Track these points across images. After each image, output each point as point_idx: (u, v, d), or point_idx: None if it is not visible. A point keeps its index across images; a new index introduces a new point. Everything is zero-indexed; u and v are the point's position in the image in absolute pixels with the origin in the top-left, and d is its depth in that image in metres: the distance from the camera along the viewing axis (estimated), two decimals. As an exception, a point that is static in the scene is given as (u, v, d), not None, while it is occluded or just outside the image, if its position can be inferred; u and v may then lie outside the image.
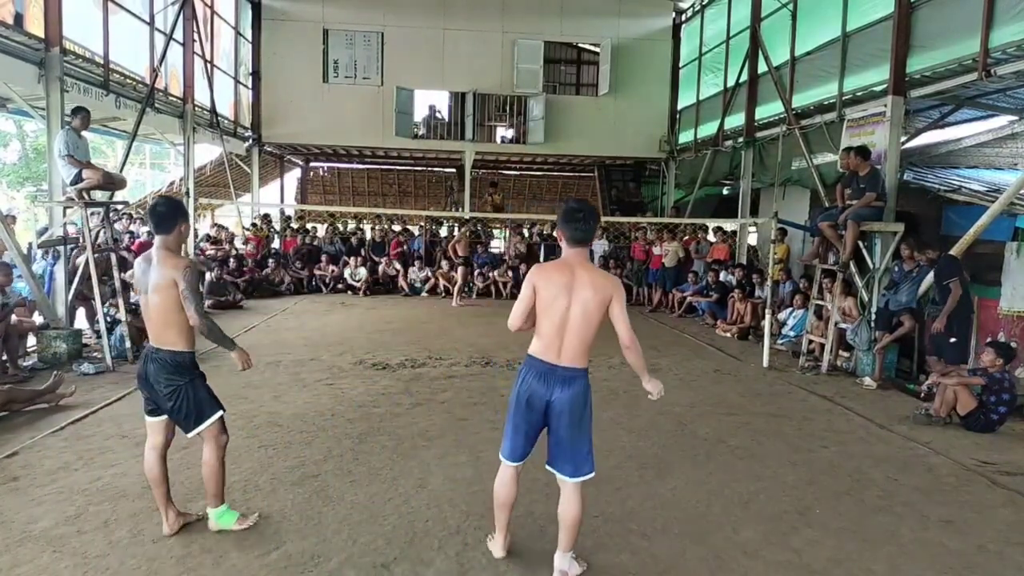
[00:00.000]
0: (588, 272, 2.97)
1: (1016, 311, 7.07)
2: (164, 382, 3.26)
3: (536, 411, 2.99)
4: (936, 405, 5.82)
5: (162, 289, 3.22)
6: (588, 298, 2.91)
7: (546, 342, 2.97)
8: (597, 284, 2.94)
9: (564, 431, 2.97)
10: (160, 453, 3.44)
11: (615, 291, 2.96)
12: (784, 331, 9.11)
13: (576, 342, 2.94)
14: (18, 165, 27.59)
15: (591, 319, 2.93)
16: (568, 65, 19.52)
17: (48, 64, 7.10)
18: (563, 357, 2.96)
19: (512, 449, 3.08)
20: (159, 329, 3.28)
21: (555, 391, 2.95)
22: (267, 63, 14.90)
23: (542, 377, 2.97)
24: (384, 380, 6.65)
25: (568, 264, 2.99)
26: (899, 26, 7.67)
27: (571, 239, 3.00)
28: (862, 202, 7.25)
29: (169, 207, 3.35)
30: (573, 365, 2.97)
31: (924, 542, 3.62)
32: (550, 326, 2.95)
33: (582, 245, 3.01)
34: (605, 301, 2.93)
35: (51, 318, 7.21)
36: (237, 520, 3.47)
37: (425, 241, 15.20)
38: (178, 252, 3.36)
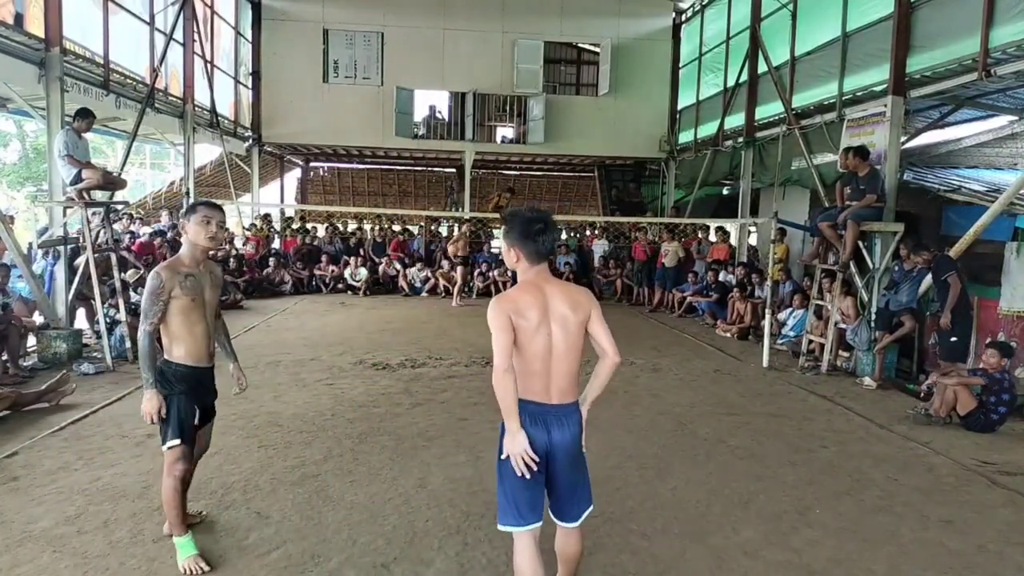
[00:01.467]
0: (559, 288, 2.59)
1: (1016, 311, 7.07)
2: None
3: (537, 459, 2.50)
4: (936, 405, 5.82)
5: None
6: (568, 318, 2.53)
7: (532, 380, 2.52)
8: (573, 299, 2.56)
9: (565, 476, 2.59)
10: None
11: (592, 305, 2.61)
12: (784, 331, 9.11)
13: (564, 371, 2.54)
14: (18, 165, 27.60)
15: (575, 342, 2.54)
16: (568, 65, 19.53)
17: (48, 64, 7.10)
18: (554, 394, 2.53)
19: (528, 512, 2.55)
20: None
21: (553, 434, 2.53)
22: (267, 63, 14.90)
23: (537, 421, 2.51)
24: (384, 380, 6.65)
25: (536, 285, 2.56)
26: (899, 26, 7.67)
27: (534, 255, 2.57)
28: (861, 203, 7.25)
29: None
30: (565, 401, 2.56)
31: (924, 542, 3.62)
32: (533, 361, 2.51)
33: (545, 260, 2.63)
34: (585, 319, 2.57)
35: (51, 318, 7.21)
36: (189, 559, 3.08)
37: (425, 241, 15.21)
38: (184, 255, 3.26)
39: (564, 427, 2.54)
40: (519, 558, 2.59)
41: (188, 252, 3.24)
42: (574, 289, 2.68)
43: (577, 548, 2.70)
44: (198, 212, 3.20)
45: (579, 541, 2.70)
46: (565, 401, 2.56)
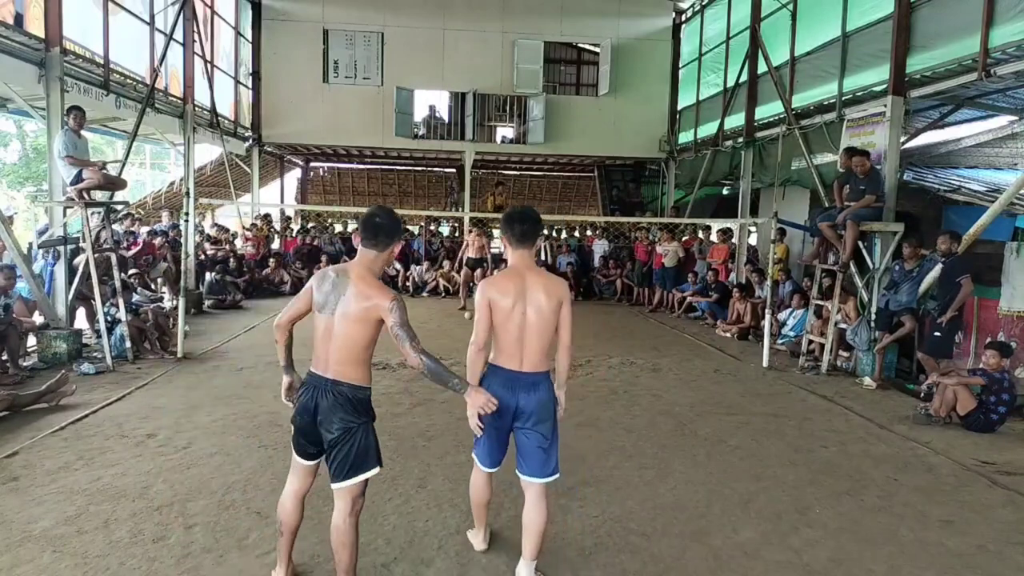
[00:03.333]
0: (538, 276, 3.03)
1: (1016, 311, 7.07)
2: (338, 420, 2.73)
3: (503, 417, 3.02)
4: (936, 405, 5.82)
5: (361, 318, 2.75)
6: (542, 302, 2.97)
7: (507, 352, 3.01)
8: (549, 288, 3.00)
9: (530, 433, 3.03)
10: (302, 498, 2.97)
11: (565, 295, 3.05)
12: (784, 331, 9.11)
13: (536, 347, 2.99)
14: (18, 165, 27.59)
15: (547, 324, 2.98)
16: (568, 65, 19.53)
17: (48, 64, 7.09)
18: (525, 364, 3.00)
19: (488, 455, 3.16)
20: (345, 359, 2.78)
21: (520, 398, 3.00)
22: (267, 63, 14.89)
23: (507, 385, 3.01)
24: (384, 380, 6.65)
25: (517, 271, 3.04)
26: (899, 26, 7.67)
27: (514, 239, 3.06)
28: (861, 203, 7.25)
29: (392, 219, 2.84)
30: (536, 371, 3.02)
31: (924, 542, 3.62)
32: (509, 335, 2.98)
33: (525, 247, 3.06)
34: (558, 305, 2.99)
35: (51, 318, 7.21)
36: None
37: (425, 241, 15.21)
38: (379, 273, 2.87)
39: (532, 392, 3.01)
40: (473, 483, 3.28)
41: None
42: (551, 278, 3.09)
43: (540, 517, 2.99)
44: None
45: (543, 509, 3.01)
46: (535, 371, 3.02)
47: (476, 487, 3.26)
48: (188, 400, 5.75)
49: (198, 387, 6.18)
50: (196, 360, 7.28)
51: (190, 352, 7.47)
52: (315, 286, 2.80)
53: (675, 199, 15.38)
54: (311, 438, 2.81)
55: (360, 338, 2.73)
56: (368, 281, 2.73)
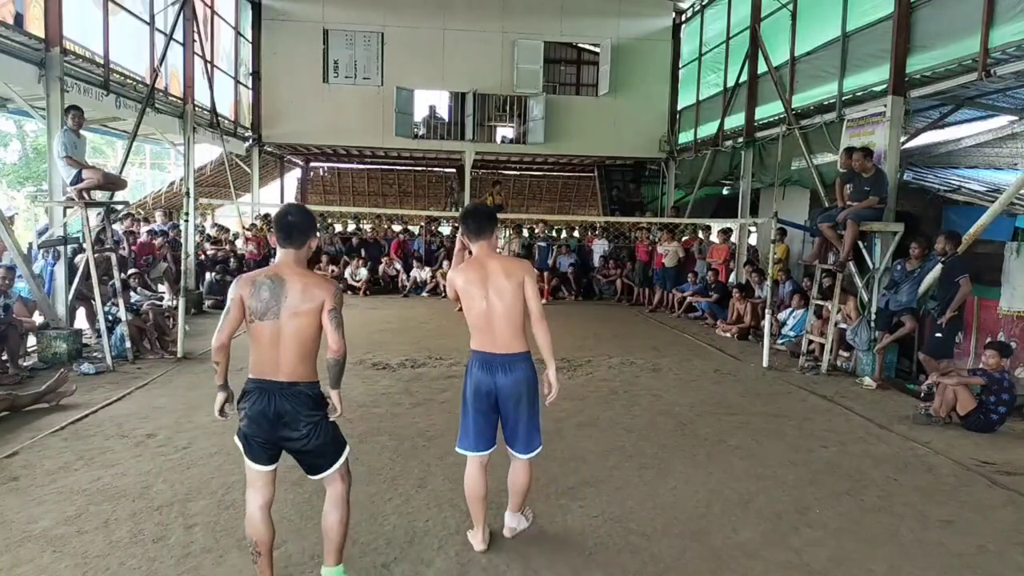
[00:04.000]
0: (497, 261, 3.22)
1: (1016, 311, 7.07)
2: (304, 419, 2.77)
3: (485, 399, 3.19)
4: (936, 405, 5.82)
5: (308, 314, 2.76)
6: (503, 285, 3.14)
7: (481, 335, 3.20)
8: (508, 270, 3.18)
9: (511, 413, 3.20)
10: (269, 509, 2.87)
11: (526, 272, 3.22)
12: (784, 331, 9.11)
13: (505, 328, 3.15)
14: (18, 165, 27.59)
15: (512, 306, 3.15)
16: (568, 65, 19.52)
17: (48, 64, 7.09)
18: (498, 346, 3.17)
19: (473, 441, 3.27)
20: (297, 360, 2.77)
21: (498, 378, 3.16)
22: (267, 63, 14.89)
23: (484, 367, 3.18)
24: (384, 380, 6.65)
25: (479, 260, 3.24)
26: (899, 26, 7.67)
27: (471, 234, 3.28)
28: (863, 204, 7.24)
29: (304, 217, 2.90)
30: (510, 351, 3.16)
31: (924, 542, 3.62)
32: (478, 320, 3.19)
33: (481, 238, 3.25)
34: (520, 284, 3.16)
35: (51, 318, 7.21)
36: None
37: (425, 241, 15.21)
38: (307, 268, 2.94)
39: (508, 372, 3.16)
40: (467, 476, 3.34)
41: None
42: (510, 261, 3.33)
43: (523, 480, 3.32)
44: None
45: (526, 475, 3.32)
46: (509, 351, 3.17)
47: (470, 479, 3.32)
48: (188, 400, 5.75)
49: (198, 387, 6.18)
50: (196, 360, 7.28)
51: (190, 352, 7.47)
52: (247, 296, 2.76)
53: (675, 199, 15.38)
54: (270, 442, 2.79)
55: (311, 332, 2.76)
56: (307, 277, 2.81)
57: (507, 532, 3.43)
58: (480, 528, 3.36)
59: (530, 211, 20.56)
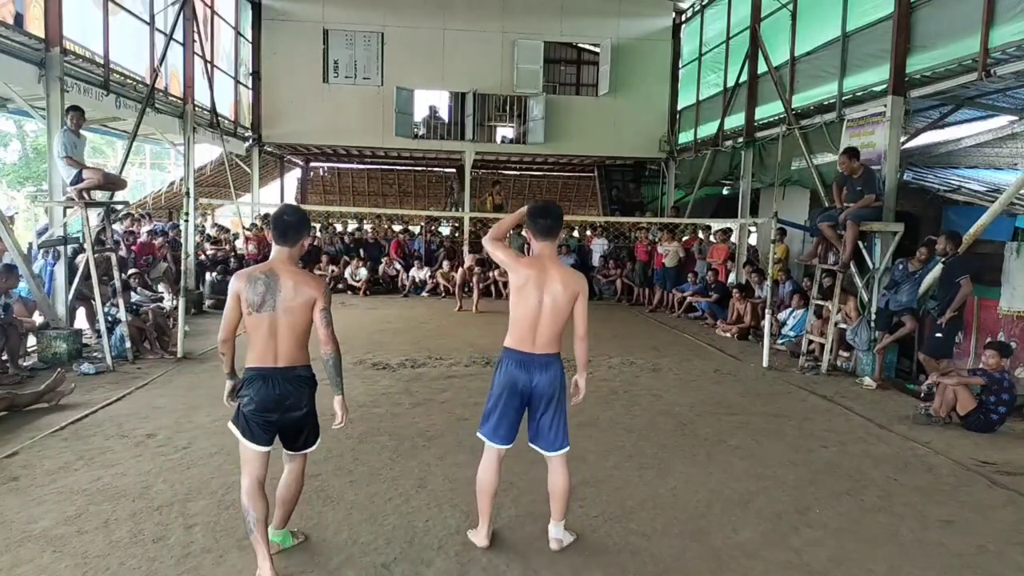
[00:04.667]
0: (558, 269, 3.22)
1: (1016, 311, 7.07)
2: (305, 401, 3.07)
3: (519, 397, 3.24)
4: (936, 405, 5.82)
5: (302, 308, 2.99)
6: (558, 293, 3.16)
7: (520, 335, 3.22)
8: (567, 281, 3.20)
9: (544, 411, 3.25)
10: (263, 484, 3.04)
11: (582, 288, 3.24)
12: (784, 331, 9.11)
13: (548, 332, 3.21)
14: (18, 165, 27.60)
15: (560, 313, 3.19)
16: (568, 65, 19.52)
17: (48, 64, 7.09)
18: (537, 346, 3.21)
19: (497, 432, 3.27)
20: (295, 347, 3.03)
21: (535, 376, 3.20)
22: (267, 63, 14.89)
23: (521, 365, 3.21)
24: (384, 380, 6.65)
25: (540, 260, 3.24)
26: (899, 26, 7.67)
27: (538, 233, 3.27)
28: (861, 204, 7.25)
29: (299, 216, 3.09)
30: (547, 352, 3.23)
31: (924, 542, 3.62)
32: (523, 320, 3.20)
33: (549, 239, 3.27)
34: (573, 297, 3.20)
35: (51, 318, 7.21)
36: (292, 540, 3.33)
37: (425, 241, 15.21)
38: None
39: (544, 372, 3.22)
40: (482, 468, 3.32)
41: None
42: (570, 272, 3.30)
43: (562, 482, 3.30)
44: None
45: (564, 475, 3.30)
46: (547, 352, 3.23)
47: (485, 471, 3.31)
48: (188, 400, 5.75)
49: (198, 387, 6.18)
50: (196, 360, 7.28)
51: (190, 352, 7.47)
52: (243, 290, 2.96)
53: (675, 199, 15.38)
54: (273, 424, 3.02)
55: (304, 325, 3.02)
56: (298, 275, 3.01)
57: (554, 545, 3.36)
58: (485, 523, 3.35)
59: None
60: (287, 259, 3.03)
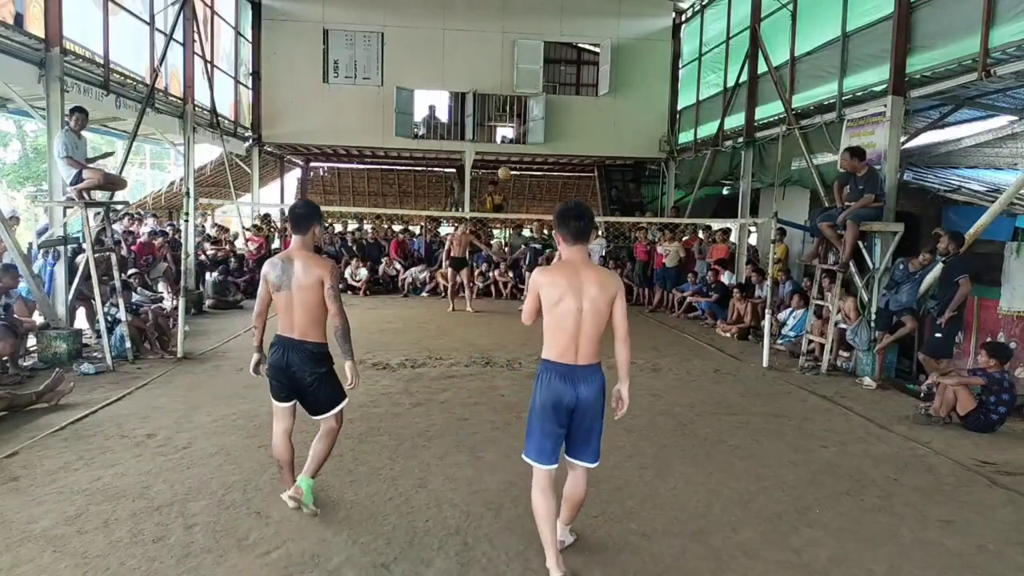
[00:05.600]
0: (593, 271, 3.08)
1: (1016, 311, 7.07)
2: (309, 371, 3.55)
3: (563, 412, 3.08)
4: (936, 405, 5.82)
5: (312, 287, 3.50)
6: (596, 297, 3.02)
7: (562, 346, 3.05)
8: (603, 282, 3.05)
9: (587, 424, 3.13)
10: (289, 435, 3.71)
11: (619, 288, 3.11)
12: (784, 331, 9.11)
13: (590, 341, 3.06)
14: (18, 165, 27.60)
15: (601, 317, 3.05)
16: (568, 65, 19.51)
17: (48, 64, 7.09)
18: (580, 357, 3.06)
19: (543, 452, 3.11)
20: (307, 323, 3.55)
21: (580, 389, 3.06)
22: (267, 63, 14.89)
23: (566, 378, 3.05)
24: (384, 380, 6.65)
25: (572, 264, 3.08)
26: (899, 26, 7.67)
27: (569, 236, 3.10)
28: (861, 203, 7.25)
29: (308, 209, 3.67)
30: (591, 362, 3.09)
31: (924, 542, 3.62)
32: (563, 330, 3.03)
33: (580, 242, 3.10)
34: (612, 298, 3.06)
35: (51, 318, 7.21)
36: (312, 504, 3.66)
37: (425, 241, 15.19)
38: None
39: (589, 384, 3.09)
40: (536, 493, 3.14)
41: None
42: (605, 273, 3.18)
43: (581, 492, 3.25)
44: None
45: (584, 486, 3.25)
46: (590, 362, 3.09)
47: (539, 494, 3.10)
48: (188, 400, 5.75)
49: (198, 387, 6.18)
50: (196, 360, 7.28)
51: (190, 352, 7.47)
52: (268, 274, 3.57)
53: (675, 199, 15.38)
54: (284, 385, 3.59)
55: (315, 301, 3.51)
56: (309, 258, 3.54)
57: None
58: (552, 554, 3.05)
59: (530, 211, 20.56)
60: (301, 246, 3.57)
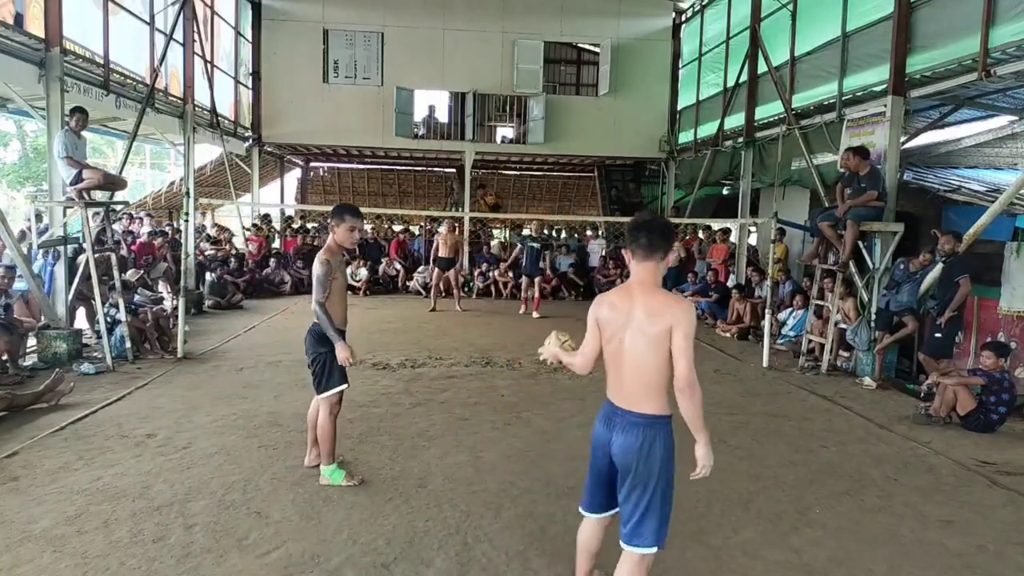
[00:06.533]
0: (647, 296, 2.53)
1: (1016, 311, 7.07)
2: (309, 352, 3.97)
3: (601, 458, 2.66)
4: (936, 405, 5.82)
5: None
6: (644, 325, 2.49)
7: (609, 381, 2.65)
8: (657, 310, 2.48)
9: (629, 485, 2.57)
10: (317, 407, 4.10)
11: (676, 320, 2.46)
12: (784, 331, 9.11)
13: (635, 380, 2.54)
14: (18, 165, 27.62)
15: (650, 353, 2.49)
16: (568, 65, 19.52)
17: (48, 64, 7.09)
18: (622, 399, 2.58)
19: (586, 494, 2.80)
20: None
21: (614, 436, 2.58)
22: (267, 63, 14.89)
23: (605, 419, 2.65)
24: (384, 380, 6.65)
25: (629, 288, 2.61)
26: (899, 26, 7.67)
27: (637, 251, 2.58)
28: (861, 200, 7.24)
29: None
30: (633, 409, 2.55)
31: (924, 542, 3.62)
32: (608, 362, 2.63)
33: (649, 260, 2.56)
34: (664, 331, 2.47)
35: (51, 318, 7.21)
36: (344, 478, 4.01)
37: (425, 241, 15.20)
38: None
39: (624, 434, 2.55)
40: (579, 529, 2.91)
41: (335, 245, 4.02)
42: (662, 299, 2.53)
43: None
44: (347, 221, 3.96)
45: (628, 573, 2.62)
46: (631, 409, 2.55)
47: (580, 533, 2.89)
48: (188, 400, 5.75)
49: (198, 387, 6.18)
50: (196, 360, 7.28)
51: (190, 352, 7.47)
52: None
53: (675, 199, 15.38)
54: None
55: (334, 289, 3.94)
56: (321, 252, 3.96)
57: None
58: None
59: (530, 211, 20.56)
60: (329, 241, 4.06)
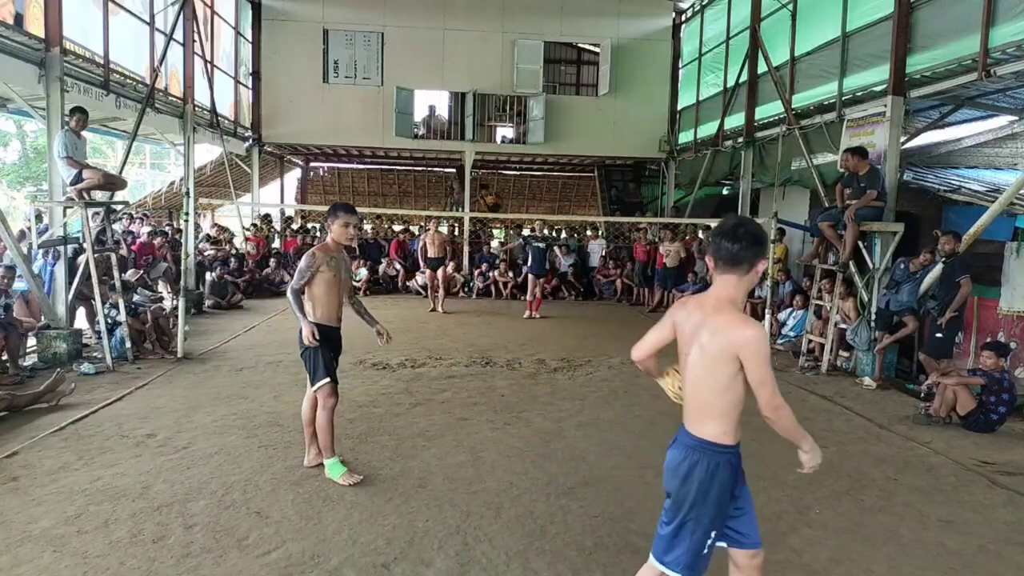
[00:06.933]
0: (717, 312, 2.31)
1: (1016, 311, 7.07)
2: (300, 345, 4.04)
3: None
4: (936, 405, 5.82)
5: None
6: (707, 344, 2.30)
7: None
8: (721, 328, 2.26)
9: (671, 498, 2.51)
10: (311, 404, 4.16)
11: (744, 345, 2.23)
12: (784, 331, 9.11)
13: (694, 399, 2.38)
14: (18, 165, 27.61)
15: (707, 373, 2.31)
16: (568, 65, 19.52)
17: (48, 64, 7.09)
18: (685, 416, 2.42)
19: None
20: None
21: (670, 453, 2.50)
22: (267, 63, 14.89)
23: (676, 438, 2.51)
24: (384, 380, 6.65)
25: (706, 299, 2.41)
26: (899, 26, 7.67)
27: (719, 260, 2.37)
28: (862, 201, 7.25)
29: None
30: (688, 429, 2.40)
31: (924, 542, 3.62)
32: (682, 373, 2.48)
33: (732, 271, 2.32)
34: (723, 353, 2.26)
35: (51, 318, 7.21)
36: (342, 476, 4.04)
37: (424, 241, 15.17)
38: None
39: (675, 449, 2.45)
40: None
41: (332, 243, 4.09)
42: (729, 320, 2.27)
43: None
44: (340, 217, 4.02)
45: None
46: (687, 428, 2.39)
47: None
48: (188, 400, 5.75)
49: (198, 387, 6.18)
50: (196, 360, 7.28)
51: (190, 352, 7.47)
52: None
53: (675, 199, 15.39)
54: None
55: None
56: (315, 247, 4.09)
57: None
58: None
59: (530, 211, 20.57)
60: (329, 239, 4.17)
